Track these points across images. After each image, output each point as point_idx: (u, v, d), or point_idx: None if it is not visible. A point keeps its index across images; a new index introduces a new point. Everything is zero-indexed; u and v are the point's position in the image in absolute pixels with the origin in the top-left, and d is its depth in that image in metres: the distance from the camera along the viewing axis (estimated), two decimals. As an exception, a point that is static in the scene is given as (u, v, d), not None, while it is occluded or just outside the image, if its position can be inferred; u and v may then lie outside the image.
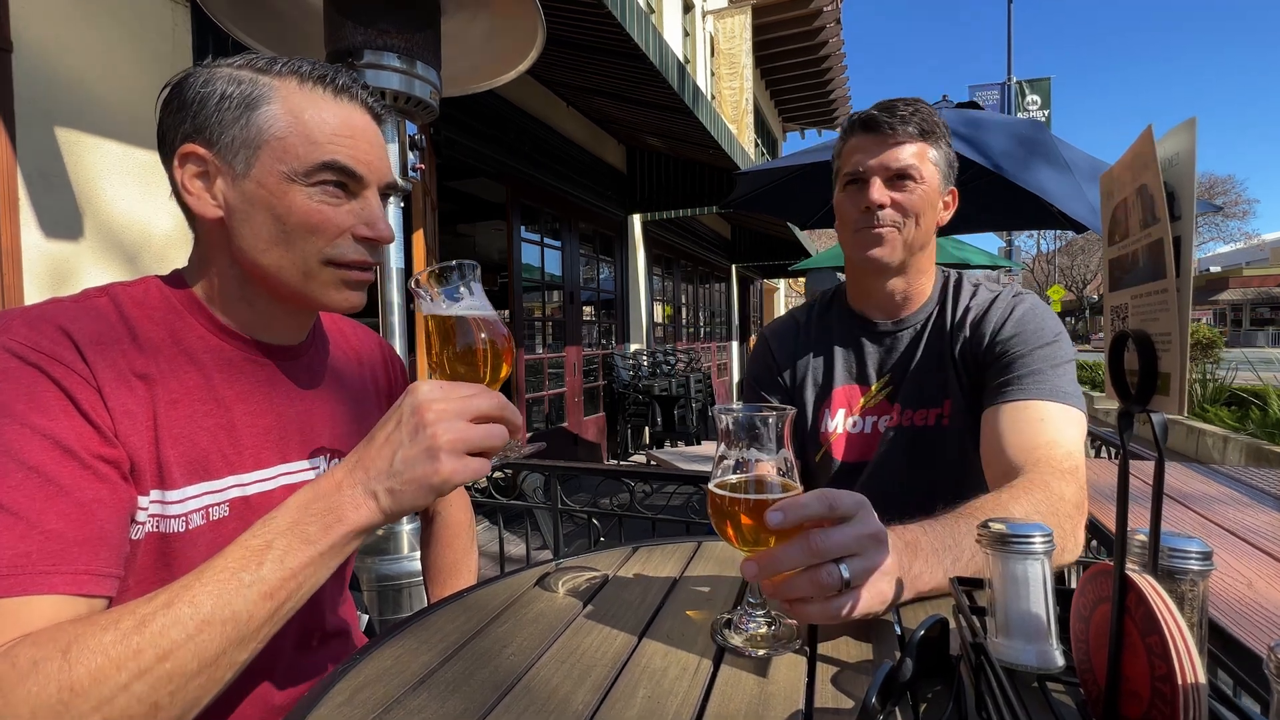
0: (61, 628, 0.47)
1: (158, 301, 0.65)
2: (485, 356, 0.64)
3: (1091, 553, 2.16)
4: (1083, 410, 0.91)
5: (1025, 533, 0.51)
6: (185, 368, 0.63)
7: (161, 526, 0.59)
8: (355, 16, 1.49)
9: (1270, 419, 5.19)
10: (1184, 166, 0.39)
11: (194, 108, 0.62)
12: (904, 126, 0.99)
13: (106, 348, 0.58)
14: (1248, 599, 1.35)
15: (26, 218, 1.96)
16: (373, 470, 0.54)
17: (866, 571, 0.56)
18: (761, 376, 1.19)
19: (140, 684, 0.45)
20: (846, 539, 0.55)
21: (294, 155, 0.62)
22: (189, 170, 0.63)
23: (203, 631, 0.48)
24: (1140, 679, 0.39)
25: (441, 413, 0.54)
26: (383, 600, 1.96)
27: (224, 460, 0.64)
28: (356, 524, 0.53)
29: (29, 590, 0.48)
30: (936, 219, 1.04)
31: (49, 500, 0.50)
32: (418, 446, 0.53)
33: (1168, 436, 0.38)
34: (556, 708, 0.51)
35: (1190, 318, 0.39)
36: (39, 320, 0.56)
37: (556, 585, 0.76)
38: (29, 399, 0.52)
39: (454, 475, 0.54)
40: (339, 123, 0.64)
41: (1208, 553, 0.44)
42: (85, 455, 0.53)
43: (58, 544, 0.50)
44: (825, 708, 0.50)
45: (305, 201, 0.63)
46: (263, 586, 0.50)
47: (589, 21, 3.28)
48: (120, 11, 2.19)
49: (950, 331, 1.04)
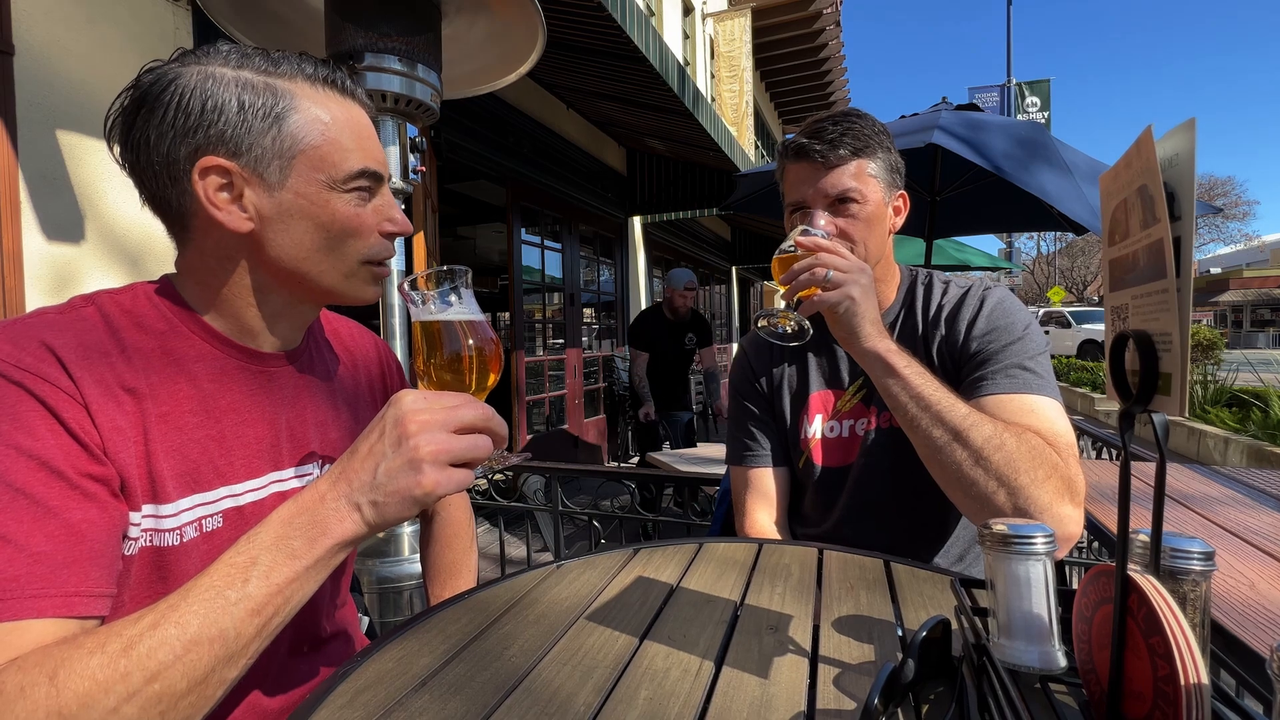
0: (48, 651, 0.46)
1: (147, 310, 0.63)
2: (472, 364, 0.63)
3: (1093, 554, 2.15)
4: (1062, 403, 0.93)
5: (1027, 533, 0.51)
6: (176, 379, 0.62)
7: (156, 540, 0.59)
8: (356, 20, 1.49)
9: (1271, 420, 5.19)
10: (1184, 167, 0.39)
11: (209, 117, 0.59)
12: (835, 151, 0.99)
13: (94, 362, 0.57)
14: (1250, 600, 1.35)
15: (28, 221, 1.96)
16: (356, 482, 0.53)
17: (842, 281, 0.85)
18: (741, 386, 1.21)
19: (129, 707, 0.45)
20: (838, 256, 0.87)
21: (331, 164, 0.63)
22: (211, 183, 0.60)
23: (190, 651, 0.47)
24: (1143, 679, 0.39)
25: (424, 424, 0.53)
26: (384, 602, 1.96)
27: (215, 471, 0.63)
28: (341, 536, 0.53)
29: (18, 615, 0.47)
30: (888, 228, 1.05)
31: (36, 522, 0.49)
32: (400, 458, 0.53)
33: (1169, 437, 0.38)
34: (559, 709, 0.51)
35: (1191, 318, 0.39)
36: (22, 335, 0.55)
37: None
38: (13, 419, 0.51)
39: (437, 488, 0.53)
40: (355, 125, 0.66)
41: (1210, 553, 0.44)
42: (73, 475, 0.52)
43: (46, 567, 0.49)
44: (828, 709, 0.50)
45: (345, 208, 0.64)
46: (249, 604, 0.49)
47: (589, 24, 3.28)
48: (121, 14, 2.20)
49: (924, 329, 1.05)
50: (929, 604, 0.68)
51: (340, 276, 0.67)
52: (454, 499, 1.02)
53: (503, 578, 0.81)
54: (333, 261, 0.66)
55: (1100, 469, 2.69)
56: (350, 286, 0.68)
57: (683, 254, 9.13)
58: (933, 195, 3.25)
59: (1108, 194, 0.48)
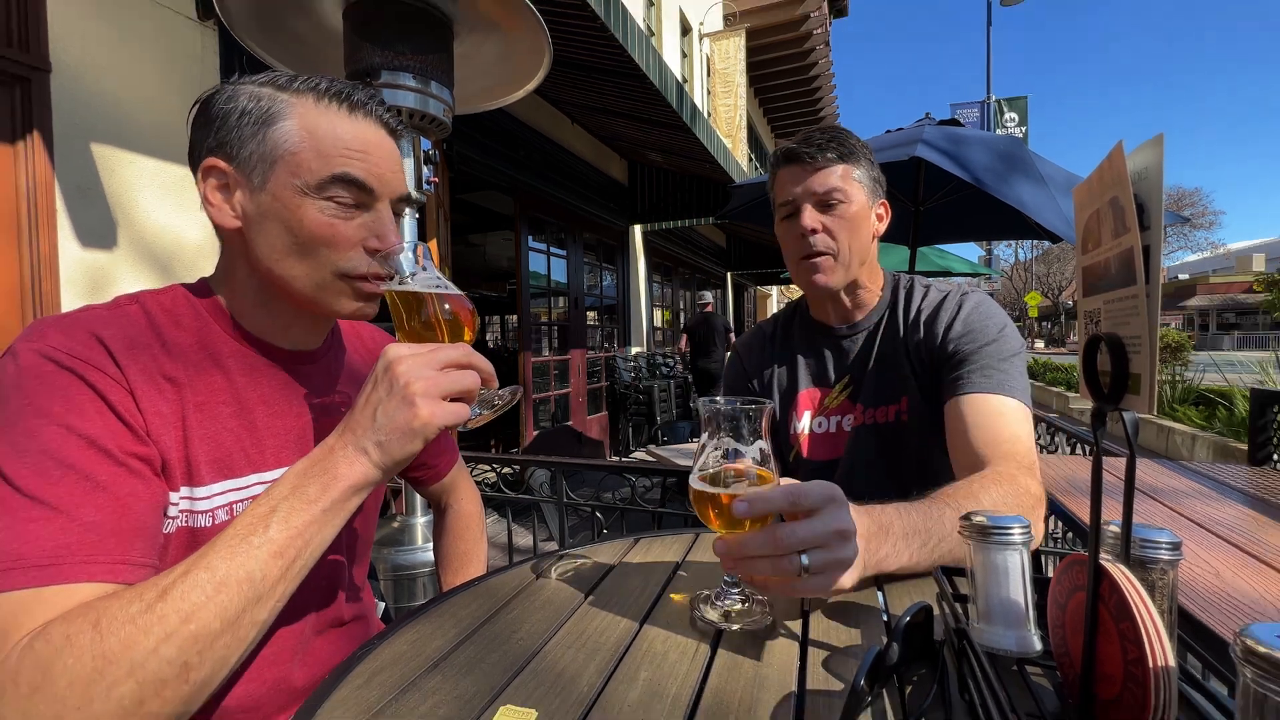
0: (90, 605, 0.47)
1: (184, 309, 0.65)
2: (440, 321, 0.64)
3: (1067, 543, 2.15)
4: (1029, 404, 0.93)
5: (1005, 525, 0.51)
6: (211, 371, 0.63)
7: (191, 521, 0.60)
8: (373, 39, 1.50)
9: (1236, 418, 5.18)
10: (1152, 179, 0.39)
11: (217, 123, 0.62)
12: (823, 154, 1.00)
13: (138, 352, 0.58)
14: (1215, 587, 1.35)
15: (64, 228, 1.97)
16: (359, 429, 0.55)
17: (827, 564, 0.56)
18: (734, 386, 1.21)
19: (168, 646, 0.46)
20: (812, 534, 0.55)
21: (306, 169, 0.61)
22: (211, 183, 0.63)
23: (221, 592, 0.48)
24: (1114, 662, 0.39)
25: (411, 365, 0.55)
26: (398, 589, 1.96)
27: (247, 459, 0.64)
28: (352, 479, 0.54)
29: (69, 579, 0.48)
30: (872, 232, 1.05)
31: (87, 495, 0.50)
32: (395, 398, 0.54)
33: (1139, 434, 0.38)
34: (564, 688, 0.51)
35: (1159, 322, 0.39)
36: (73, 327, 0.56)
37: (550, 572, 0.77)
38: (65, 401, 0.52)
39: (433, 418, 0.54)
40: (351, 137, 0.63)
41: (1177, 543, 0.44)
42: (120, 453, 0.54)
43: (95, 535, 0.50)
44: (817, 689, 0.50)
45: (316, 214, 0.62)
46: (272, 546, 0.51)
47: (593, 43, 3.28)
48: (152, 34, 2.20)
49: (905, 331, 1.05)
50: (912, 590, 0.68)
51: (311, 285, 0.64)
52: (465, 492, 1.02)
53: (510, 565, 0.81)
54: (304, 268, 0.63)
55: (1074, 464, 2.69)
56: (325, 298, 0.65)
57: (681, 260, 9.13)
58: (916, 205, 3.25)
59: (1081, 205, 0.48)
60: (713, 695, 0.50)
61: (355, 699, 0.50)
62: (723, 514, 0.59)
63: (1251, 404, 2.82)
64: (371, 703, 0.50)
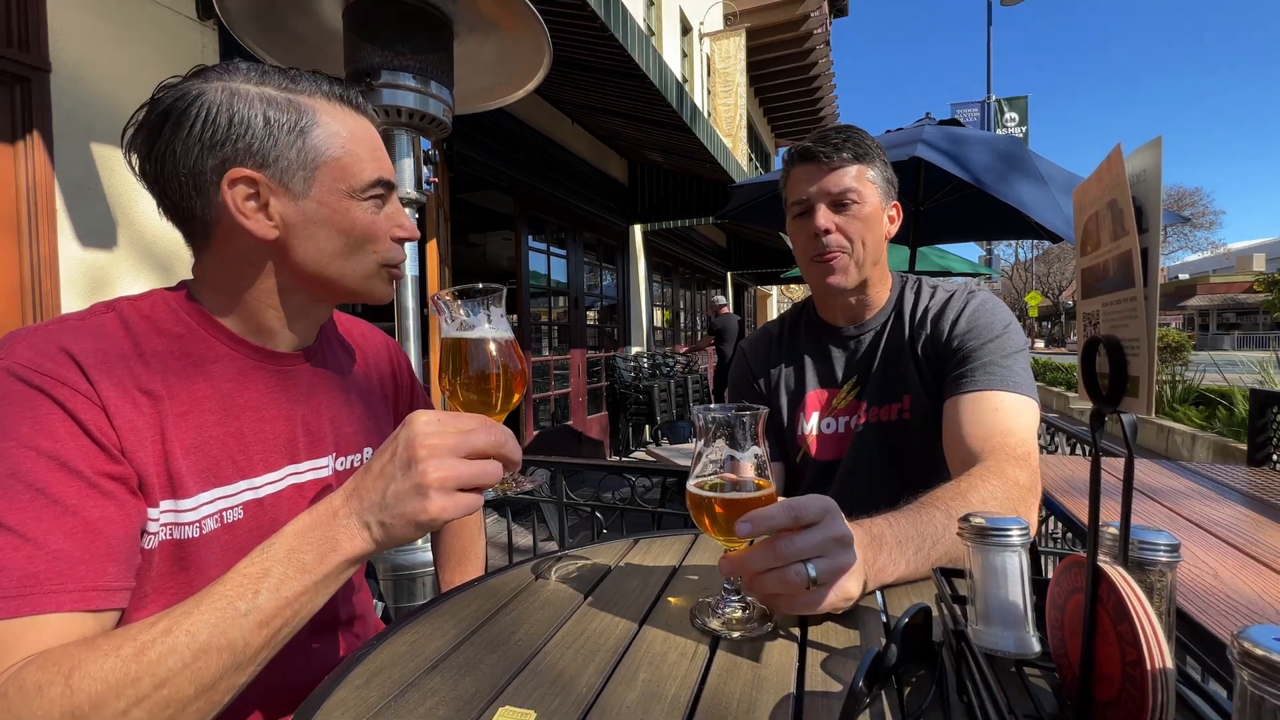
0: (66, 651, 0.46)
1: (165, 315, 0.63)
2: (497, 384, 0.62)
3: (1067, 543, 2.15)
4: (1035, 398, 0.92)
5: (1003, 526, 0.51)
6: (195, 379, 0.62)
7: (176, 534, 0.58)
8: (373, 39, 1.50)
9: (1236, 418, 5.18)
10: (1151, 182, 0.39)
11: (237, 131, 0.60)
12: (839, 153, 1.00)
13: (112, 365, 0.56)
14: (1214, 589, 1.35)
15: (64, 228, 1.97)
16: (367, 501, 0.52)
17: (832, 571, 0.57)
18: (740, 386, 1.21)
19: (139, 710, 0.45)
20: (811, 543, 0.56)
21: (351, 174, 0.64)
22: (239, 193, 0.60)
23: (199, 659, 0.46)
24: (1112, 664, 0.39)
25: (434, 449, 0.51)
26: (397, 589, 1.96)
27: (234, 466, 0.63)
28: (350, 553, 0.52)
29: (39, 610, 0.47)
30: (884, 233, 1.05)
31: (55, 520, 0.49)
32: (408, 482, 0.51)
33: (1137, 435, 0.38)
34: (563, 689, 0.51)
35: (1158, 324, 0.39)
36: (42, 341, 0.54)
37: (550, 573, 0.77)
38: (34, 422, 0.51)
39: (442, 514, 0.51)
40: (367, 137, 0.67)
41: (1175, 545, 0.44)
42: (91, 474, 0.52)
43: (64, 563, 0.48)
44: (815, 690, 0.50)
45: (362, 215, 0.66)
46: (259, 615, 0.49)
47: (593, 43, 3.28)
48: (151, 33, 2.20)
49: (911, 330, 1.05)
50: (911, 592, 0.68)
51: (361, 278, 0.68)
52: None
53: (510, 565, 0.81)
54: (354, 265, 0.67)
55: (1073, 464, 2.69)
56: (370, 287, 0.69)
57: (681, 260, 9.12)
58: (917, 205, 3.25)
59: (1080, 207, 0.48)
60: (711, 696, 0.50)
61: (354, 699, 0.51)
62: (723, 520, 0.59)
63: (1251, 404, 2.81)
64: (371, 703, 0.50)
